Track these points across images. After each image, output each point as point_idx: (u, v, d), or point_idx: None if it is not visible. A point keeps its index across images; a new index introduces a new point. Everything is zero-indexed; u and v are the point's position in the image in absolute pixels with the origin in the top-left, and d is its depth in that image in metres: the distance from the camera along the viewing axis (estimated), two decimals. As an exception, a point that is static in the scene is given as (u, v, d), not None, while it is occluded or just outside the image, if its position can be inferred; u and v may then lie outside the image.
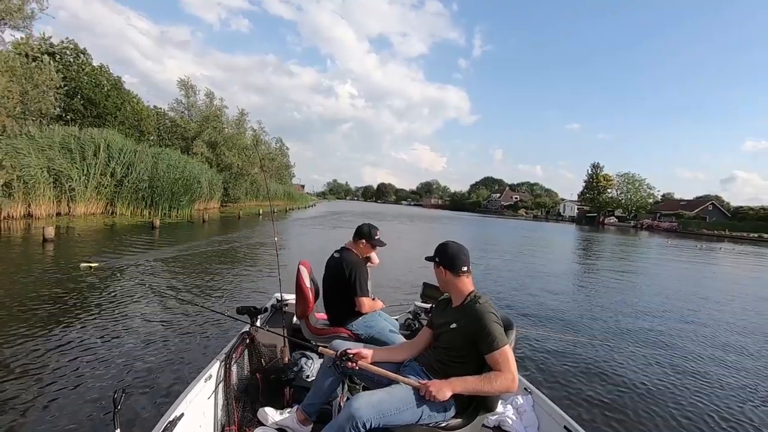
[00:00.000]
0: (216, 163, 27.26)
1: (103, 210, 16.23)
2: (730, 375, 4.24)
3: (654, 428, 3.02)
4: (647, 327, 5.90)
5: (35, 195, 12.94)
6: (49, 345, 3.64)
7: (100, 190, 15.83)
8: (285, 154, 52.91)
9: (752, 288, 10.84)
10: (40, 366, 3.22)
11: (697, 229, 47.64)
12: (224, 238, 12.93)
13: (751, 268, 16.69)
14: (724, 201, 63.33)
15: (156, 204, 17.94)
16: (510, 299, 7.09)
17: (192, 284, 6.44)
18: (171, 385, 3.00)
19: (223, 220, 20.82)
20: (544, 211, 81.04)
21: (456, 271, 1.79)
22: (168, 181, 18.29)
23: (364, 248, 2.81)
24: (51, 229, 9.25)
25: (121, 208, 16.78)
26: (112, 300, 5.13)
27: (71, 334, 3.94)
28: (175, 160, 19.72)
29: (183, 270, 7.52)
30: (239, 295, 6.10)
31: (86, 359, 3.40)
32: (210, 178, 23.51)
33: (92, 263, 6.81)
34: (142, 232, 12.83)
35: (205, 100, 29.57)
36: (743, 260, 19.49)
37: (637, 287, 9.70)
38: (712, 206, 58.60)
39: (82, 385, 2.97)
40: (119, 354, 3.56)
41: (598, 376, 3.88)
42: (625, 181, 64.79)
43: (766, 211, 50.61)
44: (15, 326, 4.03)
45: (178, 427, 1.61)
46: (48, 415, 2.57)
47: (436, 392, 1.57)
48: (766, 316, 7.43)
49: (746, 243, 34.70)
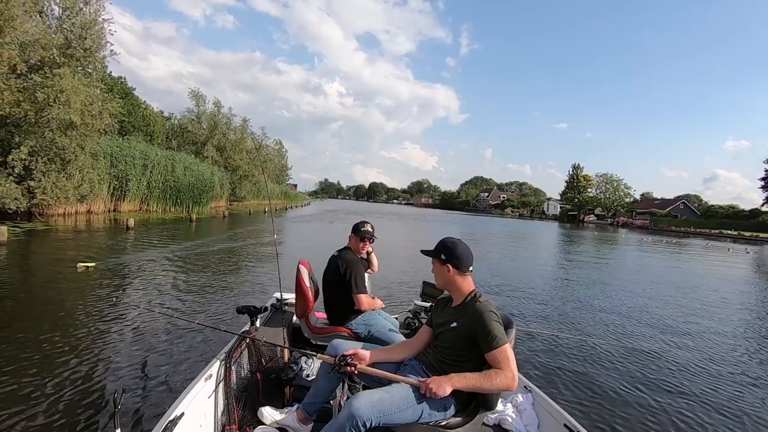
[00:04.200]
0: (224, 165, 29.10)
1: (139, 208, 18.32)
2: (731, 369, 4.20)
3: (654, 425, 2.96)
4: (646, 324, 5.82)
5: (97, 195, 15.52)
6: (48, 344, 3.50)
7: (139, 190, 18.24)
8: (283, 156, 53.07)
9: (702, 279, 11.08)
10: (40, 365, 3.08)
11: (666, 226, 49.51)
12: (244, 230, 15.58)
13: (712, 261, 17.17)
14: (702, 200, 65.85)
15: (181, 202, 20.45)
16: (508, 299, 6.96)
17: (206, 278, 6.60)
18: (171, 385, 2.90)
19: (237, 215, 22.96)
20: (530, 209, 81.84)
21: (463, 269, 1.74)
22: (189, 183, 20.68)
23: (355, 242, 2.74)
24: (132, 220, 12.35)
25: (153, 206, 19.10)
26: (112, 299, 4.96)
27: (71, 334, 3.81)
28: (190, 163, 21.89)
29: (214, 257, 8.70)
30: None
31: (86, 359, 3.28)
32: (220, 179, 25.70)
33: (89, 263, 6.59)
34: (184, 224, 15.45)
35: (213, 109, 31.36)
36: (708, 254, 20.28)
37: (631, 285, 9.59)
38: (683, 205, 60.57)
39: (82, 384, 2.85)
40: (119, 354, 3.43)
41: (597, 373, 3.81)
42: (603, 181, 65.98)
43: (733, 210, 52.97)
44: (14, 325, 3.88)
45: (178, 427, 1.55)
46: (48, 415, 2.45)
47: (436, 388, 1.52)
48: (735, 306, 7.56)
49: (710, 238, 37.22)
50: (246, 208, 28.05)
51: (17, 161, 10.96)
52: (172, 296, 5.39)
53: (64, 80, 11.37)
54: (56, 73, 11.34)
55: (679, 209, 59.05)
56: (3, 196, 10.58)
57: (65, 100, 11.31)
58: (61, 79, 11.32)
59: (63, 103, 11.29)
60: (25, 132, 11.38)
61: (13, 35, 10.45)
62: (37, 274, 6.42)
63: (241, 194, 31.39)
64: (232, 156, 30.09)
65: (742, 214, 50.50)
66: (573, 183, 69.31)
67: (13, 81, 10.71)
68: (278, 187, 46.29)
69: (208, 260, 8.35)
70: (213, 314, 4.72)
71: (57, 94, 11.12)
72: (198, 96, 30.29)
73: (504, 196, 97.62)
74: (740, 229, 43.30)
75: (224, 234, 13.62)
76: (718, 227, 44.87)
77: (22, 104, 10.82)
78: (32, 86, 10.94)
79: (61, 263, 6.80)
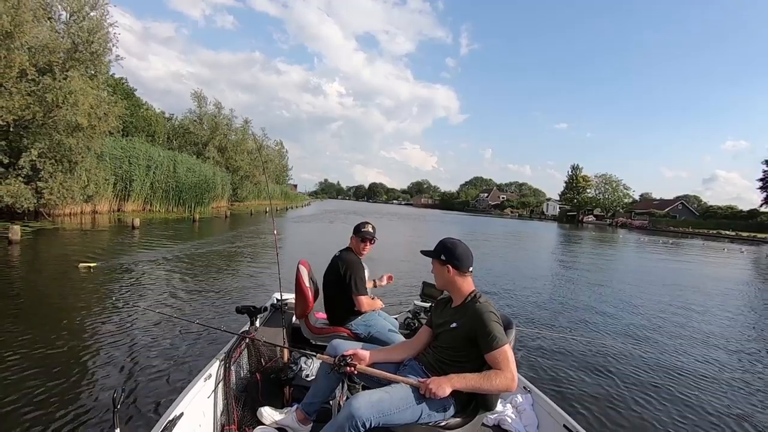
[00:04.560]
0: (225, 165, 29.28)
1: (142, 207, 18.53)
2: (729, 371, 4.18)
3: (653, 425, 2.95)
4: (645, 325, 5.80)
5: (103, 195, 15.87)
6: (49, 344, 3.49)
7: (143, 190, 18.51)
8: (283, 156, 53.09)
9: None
10: (40, 365, 3.07)
11: (665, 226, 49.62)
12: (246, 229, 15.72)
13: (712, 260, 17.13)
14: (701, 201, 65.84)
15: (184, 202, 20.70)
16: (507, 298, 6.94)
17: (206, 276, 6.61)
18: (171, 385, 2.88)
19: (239, 215, 23.14)
20: (529, 210, 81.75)
21: (463, 270, 1.72)
22: (190, 183, 20.94)
23: (356, 243, 2.71)
24: (138, 220, 12.81)
25: (156, 206, 19.38)
26: (113, 299, 4.96)
27: (72, 334, 3.80)
28: (192, 164, 22.11)
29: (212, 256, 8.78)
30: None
31: (86, 358, 3.26)
32: (222, 179, 25.99)
33: (90, 263, 6.57)
34: (188, 224, 15.78)
35: (214, 110, 31.47)
36: (705, 255, 20.25)
37: (629, 284, 9.62)
38: (681, 205, 60.63)
39: (81, 384, 2.83)
40: (119, 353, 3.42)
41: (597, 374, 3.79)
42: (602, 181, 65.88)
43: (731, 210, 53.11)
44: (18, 324, 3.87)
45: (177, 427, 1.54)
46: (48, 414, 2.44)
47: (435, 389, 1.51)
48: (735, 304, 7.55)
49: (708, 239, 37.39)
50: (247, 209, 28.42)
51: (26, 163, 11.26)
52: (173, 296, 5.37)
53: (73, 82, 11.61)
54: (66, 75, 11.66)
55: (677, 210, 59.16)
56: (16, 196, 10.95)
57: (73, 102, 11.57)
58: (70, 81, 11.57)
59: (71, 104, 11.55)
60: (33, 134, 11.61)
61: (23, 40, 10.68)
62: (44, 272, 6.44)
63: (242, 195, 31.72)
64: (233, 157, 30.42)
65: (740, 214, 50.66)
66: (572, 183, 69.21)
67: (24, 84, 10.95)
68: (278, 188, 46.41)
69: (210, 260, 8.36)
70: (213, 314, 4.70)
71: (66, 95, 11.37)
72: (200, 97, 30.65)
73: (503, 196, 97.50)
74: (738, 229, 43.38)
75: (226, 234, 13.84)
76: (716, 228, 44.99)
77: (31, 107, 11.02)
78: (41, 89, 11.16)
79: (68, 262, 6.85)
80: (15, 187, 10.96)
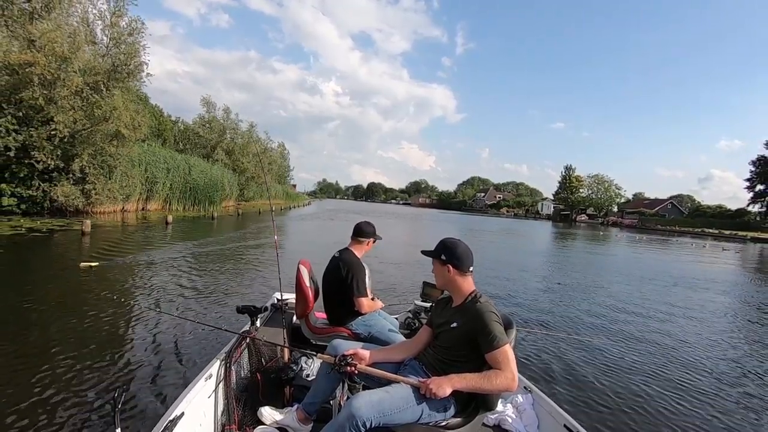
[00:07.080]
0: (232, 167, 30.18)
1: (162, 207, 19.64)
2: (729, 370, 4.14)
3: (654, 425, 2.89)
4: (644, 324, 5.73)
5: (132, 195, 17.05)
6: (49, 343, 3.43)
7: (163, 191, 19.64)
8: (285, 157, 53.31)
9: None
10: (40, 365, 3.01)
11: (654, 225, 50.35)
12: (256, 226, 16.68)
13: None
14: (696, 200, 66.69)
15: (198, 202, 22.08)
16: (506, 298, 6.84)
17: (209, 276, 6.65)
18: (171, 385, 2.82)
19: (248, 214, 24.21)
20: (524, 209, 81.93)
21: (464, 269, 1.69)
22: (203, 184, 22.27)
23: (357, 244, 2.66)
24: (170, 217, 14.44)
25: (175, 205, 20.60)
26: (114, 298, 4.86)
27: (72, 333, 3.73)
28: (204, 167, 23.50)
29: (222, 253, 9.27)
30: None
31: (86, 358, 3.20)
32: (230, 180, 27.31)
33: (92, 263, 6.49)
34: (208, 221, 17.04)
35: (222, 114, 32.55)
36: (683, 251, 20.46)
37: (628, 284, 9.50)
38: (671, 205, 61.29)
39: (81, 384, 2.78)
40: (119, 353, 3.36)
41: (597, 374, 3.73)
42: (595, 181, 66.21)
43: (719, 209, 53.97)
44: (21, 322, 3.81)
45: (178, 427, 1.51)
46: (48, 414, 2.39)
47: (436, 389, 1.48)
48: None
49: (695, 237, 38.38)
50: (254, 208, 29.54)
51: (77, 167, 13.04)
52: (173, 296, 5.29)
53: (116, 99, 13.48)
54: (111, 93, 13.52)
55: (667, 209, 59.87)
56: (68, 196, 12.74)
57: (117, 116, 13.41)
58: (114, 98, 13.42)
59: (117, 118, 13.40)
60: (81, 143, 13.21)
61: (78, 64, 12.52)
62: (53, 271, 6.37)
63: (248, 195, 32.56)
64: (239, 159, 31.23)
65: (727, 213, 51.54)
66: (565, 183, 69.44)
67: (77, 102, 12.74)
68: (280, 188, 46.73)
69: (223, 256, 8.57)
70: (213, 314, 4.64)
71: (111, 110, 13.22)
72: (209, 103, 31.54)
73: (500, 196, 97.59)
74: (724, 227, 44.22)
75: (243, 229, 15.07)
76: (702, 226, 45.83)
77: (81, 120, 12.81)
78: (90, 105, 13.01)
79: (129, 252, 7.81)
80: (67, 188, 12.78)
